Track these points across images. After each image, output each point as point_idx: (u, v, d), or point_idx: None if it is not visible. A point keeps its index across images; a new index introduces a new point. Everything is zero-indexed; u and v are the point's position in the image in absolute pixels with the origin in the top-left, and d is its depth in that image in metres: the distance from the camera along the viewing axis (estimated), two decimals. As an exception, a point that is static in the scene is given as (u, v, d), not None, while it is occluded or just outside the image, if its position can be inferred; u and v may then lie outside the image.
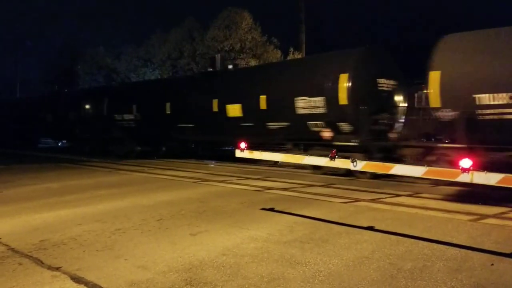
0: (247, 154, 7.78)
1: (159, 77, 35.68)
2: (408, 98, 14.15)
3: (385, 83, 14.27)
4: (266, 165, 17.44)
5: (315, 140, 14.50)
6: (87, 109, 25.90)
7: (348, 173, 13.06)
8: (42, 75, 52.86)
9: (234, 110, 17.49)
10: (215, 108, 18.21)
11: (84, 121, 25.96)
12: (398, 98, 14.49)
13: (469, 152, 10.18)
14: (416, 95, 12.84)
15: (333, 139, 14.03)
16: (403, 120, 14.45)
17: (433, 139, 12.25)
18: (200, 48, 34.73)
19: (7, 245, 6.14)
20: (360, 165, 6.21)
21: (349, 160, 6.29)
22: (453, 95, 10.53)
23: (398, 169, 6.03)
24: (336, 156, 6.43)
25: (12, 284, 4.68)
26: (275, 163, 17.52)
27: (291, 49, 32.62)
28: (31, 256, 5.62)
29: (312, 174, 14.40)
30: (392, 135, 13.70)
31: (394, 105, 14.35)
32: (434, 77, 10.85)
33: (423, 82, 11.37)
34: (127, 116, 23.12)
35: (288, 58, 31.87)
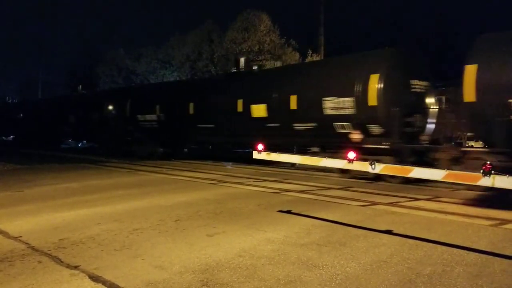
0: (264, 156, 7.76)
1: (178, 79, 35.93)
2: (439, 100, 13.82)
3: (417, 84, 13.94)
4: (283, 167, 17.42)
5: (342, 142, 14.13)
6: (109, 110, 25.99)
7: (377, 176, 12.75)
8: (63, 77, 53.85)
9: (259, 110, 17.39)
10: (239, 108, 18.17)
11: (106, 122, 26.02)
12: (430, 100, 14.11)
13: (508, 157, 9.90)
14: (437, 98, 12.66)
15: (362, 141, 13.72)
16: (434, 123, 14.13)
17: (453, 143, 12.02)
18: (219, 50, 34.89)
19: (27, 243, 6.25)
20: (379, 168, 6.14)
21: (367, 163, 6.22)
22: (488, 89, 10.25)
23: (417, 172, 5.93)
24: (354, 159, 6.37)
25: (32, 281, 4.75)
26: (292, 165, 17.50)
27: (310, 51, 32.53)
28: (50, 255, 5.70)
29: (331, 176, 14.31)
30: (424, 138, 13.45)
31: (426, 107, 13.97)
32: (470, 70, 10.46)
33: (445, 85, 11.15)
34: (149, 117, 23.15)
35: (306, 60, 31.78)
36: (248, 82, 19.07)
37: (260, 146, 7.68)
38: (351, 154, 6.28)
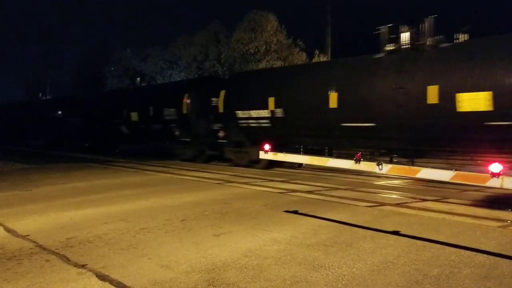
0: (271, 156, 7.75)
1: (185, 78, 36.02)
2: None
3: None
4: (290, 167, 17.39)
5: None
6: (190, 104, 21.57)
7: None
8: (71, 78, 54.22)
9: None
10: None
11: (186, 121, 21.91)
12: None
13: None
14: None
15: None
16: None
17: None
18: (225, 50, 34.91)
19: (35, 242, 6.29)
20: (386, 169, 6.11)
21: (374, 163, 6.19)
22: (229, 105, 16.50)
23: (425, 173, 5.89)
24: (361, 159, 6.34)
25: (40, 280, 4.78)
26: (299, 166, 17.47)
27: (317, 52, 32.48)
28: (58, 253, 5.73)
29: (338, 177, 14.25)
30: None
31: None
32: (222, 93, 16.64)
33: None
34: (257, 113, 17.51)
35: (313, 61, 31.73)
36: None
37: (267, 146, 7.67)
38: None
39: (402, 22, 13.78)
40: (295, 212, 8.42)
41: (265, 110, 16.73)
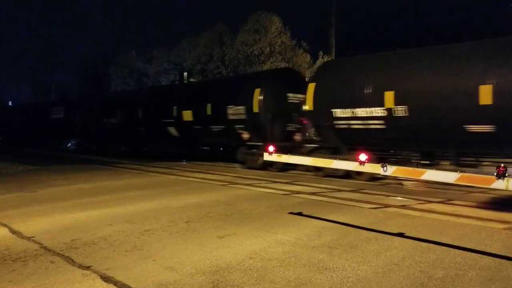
0: (275, 158, 7.74)
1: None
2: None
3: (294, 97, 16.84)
4: (294, 169, 17.37)
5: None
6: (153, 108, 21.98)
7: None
8: (76, 79, 54.45)
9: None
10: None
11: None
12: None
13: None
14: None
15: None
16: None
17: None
18: (230, 52, 34.98)
19: (40, 243, 6.31)
20: (390, 170, 6.09)
21: (379, 165, 6.17)
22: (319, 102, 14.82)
23: (430, 174, 5.88)
24: (366, 161, 6.33)
25: (44, 281, 4.80)
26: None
27: (321, 53, 32.50)
28: (62, 255, 5.75)
29: (342, 178, 14.23)
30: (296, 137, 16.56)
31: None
32: (311, 86, 15.47)
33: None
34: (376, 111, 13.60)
35: (318, 62, 31.75)
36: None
37: (271, 148, 7.66)
38: (363, 156, 6.24)
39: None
40: (299, 213, 8.41)
41: (379, 108, 13.24)
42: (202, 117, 19.66)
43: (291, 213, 8.48)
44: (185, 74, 29.46)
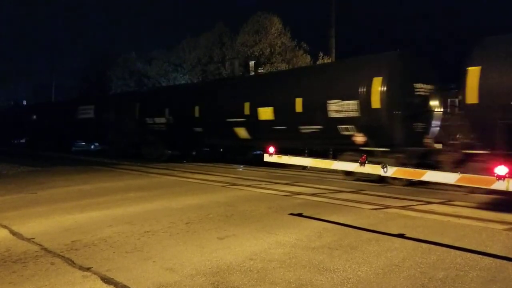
0: (275, 159, 7.73)
1: (189, 82, 36.04)
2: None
3: (421, 88, 13.64)
4: (295, 170, 17.38)
5: None
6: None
7: (381, 179, 12.55)
8: (76, 80, 54.46)
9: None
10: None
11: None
12: (434, 102, 13.79)
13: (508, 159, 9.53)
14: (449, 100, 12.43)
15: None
16: (438, 125, 13.77)
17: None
18: (230, 53, 34.97)
19: (40, 245, 6.31)
20: (391, 171, 6.09)
21: (379, 166, 6.17)
22: (491, 92, 9.77)
23: (430, 175, 5.87)
24: (366, 162, 6.33)
25: (45, 283, 4.79)
26: (303, 168, 17.46)
27: (321, 54, 32.49)
28: (63, 256, 5.75)
29: (342, 179, 14.23)
30: (428, 140, 13.15)
31: (430, 110, 13.64)
32: (474, 72, 10.08)
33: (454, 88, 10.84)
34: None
35: (318, 63, 31.73)
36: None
37: (272, 149, 7.65)
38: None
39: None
40: (300, 214, 8.41)
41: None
42: (288, 115, 16.04)
43: (291, 214, 8.48)
44: (251, 63, 23.70)
